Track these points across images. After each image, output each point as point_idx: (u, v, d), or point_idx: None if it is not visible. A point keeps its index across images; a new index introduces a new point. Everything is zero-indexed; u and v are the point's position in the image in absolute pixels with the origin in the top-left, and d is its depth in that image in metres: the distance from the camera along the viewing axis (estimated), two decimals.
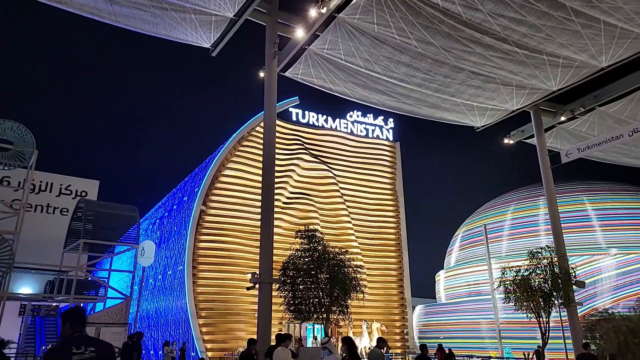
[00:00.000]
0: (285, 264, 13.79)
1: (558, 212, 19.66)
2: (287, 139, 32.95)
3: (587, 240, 44.77)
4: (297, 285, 13.22)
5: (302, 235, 14.61)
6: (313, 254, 13.77)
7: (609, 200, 47.40)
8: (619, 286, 39.74)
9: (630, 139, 17.29)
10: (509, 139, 22.89)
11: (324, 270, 13.40)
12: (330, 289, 13.42)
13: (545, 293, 16.55)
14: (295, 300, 13.28)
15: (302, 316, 13.72)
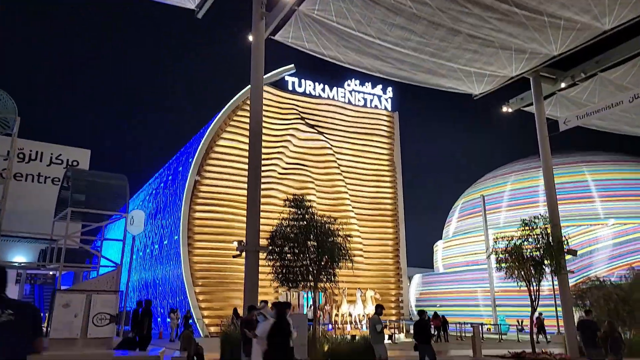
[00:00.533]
0: (274, 233, 13.64)
1: (554, 182, 19.37)
2: (283, 108, 32.43)
3: (586, 211, 44.85)
4: (284, 254, 13.10)
5: (290, 204, 14.39)
6: (300, 222, 13.58)
7: (609, 171, 47.25)
8: (614, 256, 40.03)
9: (630, 105, 16.83)
10: (507, 106, 22.38)
11: (312, 239, 13.24)
12: (318, 258, 13.29)
13: (536, 261, 16.44)
14: (283, 269, 13.18)
15: (290, 284, 13.65)
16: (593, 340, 11.61)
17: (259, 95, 14.87)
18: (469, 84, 19.76)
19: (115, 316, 15.12)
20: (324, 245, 13.27)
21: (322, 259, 13.40)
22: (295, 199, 14.37)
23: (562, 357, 16.34)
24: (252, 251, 12.82)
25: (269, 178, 30.31)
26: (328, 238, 13.48)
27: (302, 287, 13.65)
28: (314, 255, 13.26)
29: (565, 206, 44.71)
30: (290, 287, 13.86)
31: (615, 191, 44.92)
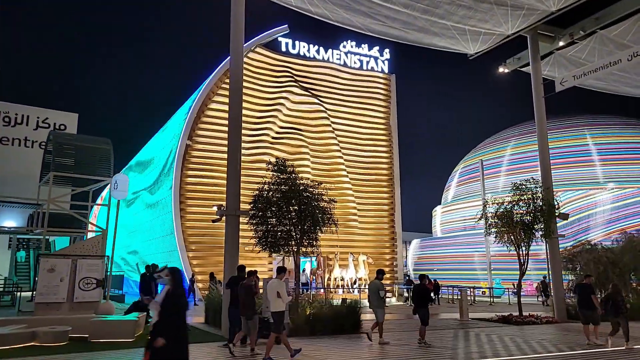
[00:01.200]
0: (256, 197, 13.40)
1: (547, 145, 18.94)
2: (276, 70, 31.60)
3: (586, 175, 44.55)
4: (266, 218, 12.90)
5: (273, 168, 14.07)
6: (282, 187, 13.31)
7: (611, 134, 46.60)
8: (611, 220, 40.00)
9: (629, 64, 16.16)
10: (504, 67, 21.67)
11: (294, 203, 12.99)
12: (301, 222, 13.09)
13: (526, 225, 16.27)
14: (266, 234, 13.01)
15: (272, 249, 13.51)
16: (587, 302, 11.73)
17: (239, 53, 14.23)
18: (464, 43, 19.04)
19: (101, 280, 15.20)
20: (307, 209, 13.03)
21: (304, 223, 13.20)
22: (278, 163, 14.04)
23: (549, 319, 16.41)
24: (232, 215, 12.61)
25: (262, 142, 29.92)
26: (311, 202, 13.23)
27: (284, 252, 13.47)
28: (295, 219, 13.05)
29: (565, 170, 44.76)
30: (271, 252, 13.72)
31: (616, 155, 44.48)
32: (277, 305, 9.36)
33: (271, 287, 9.45)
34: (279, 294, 9.31)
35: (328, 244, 30.91)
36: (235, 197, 12.95)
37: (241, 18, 14.45)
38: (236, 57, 14.25)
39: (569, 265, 18.78)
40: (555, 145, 46.68)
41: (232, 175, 13.00)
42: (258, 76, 30.81)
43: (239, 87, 14.21)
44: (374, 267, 32.64)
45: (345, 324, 12.74)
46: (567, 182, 43.63)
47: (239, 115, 13.80)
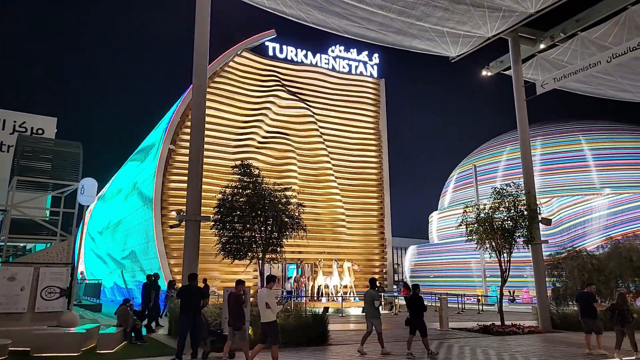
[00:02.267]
0: (220, 202, 12.98)
1: (530, 148, 18.57)
2: (263, 75, 31.30)
3: (581, 180, 44.14)
4: (230, 224, 12.46)
5: (237, 171, 13.64)
6: (245, 191, 12.88)
7: (606, 139, 46.28)
8: (608, 226, 39.52)
9: (609, 65, 15.79)
10: (487, 70, 21.33)
11: (259, 209, 12.56)
12: (266, 228, 12.66)
13: (506, 230, 15.81)
14: (231, 240, 12.56)
15: (235, 256, 13.05)
16: (589, 311, 11.48)
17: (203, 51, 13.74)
18: (444, 46, 18.68)
19: (65, 289, 14.71)
20: (272, 215, 12.61)
21: (272, 229, 12.78)
22: (243, 165, 13.62)
23: (532, 329, 15.90)
24: (192, 221, 12.17)
25: (248, 147, 29.54)
26: (276, 207, 12.80)
27: (248, 259, 13.02)
28: (262, 225, 12.62)
29: (561, 175, 44.37)
30: (233, 259, 13.27)
31: (612, 160, 44.12)
32: (267, 316, 9.11)
33: (260, 297, 9.26)
34: (267, 304, 9.06)
35: (316, 250, 30.59)
36: (196, 201, 12.52)
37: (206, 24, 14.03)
38: (200, 57, 13.78)
39: (554, 272, 18.29)
40: (550, 150, 46.44)
41: (193, 178, 12.56)
42: (244, 80, 30.51)
43: (203, 82, 13.67)
44: (362, 274, 32.28)
45: (312, 335, 12.23)
46: (563, 188, 43.24)
47: (202, 115, 13.35)
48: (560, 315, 16.51)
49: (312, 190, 31.32)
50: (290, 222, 13.13)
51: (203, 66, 13.74)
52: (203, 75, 13.73)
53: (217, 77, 29.53)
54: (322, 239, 30.96)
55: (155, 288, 15.74)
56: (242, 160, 14.11)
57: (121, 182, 37.29)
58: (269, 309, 9.01)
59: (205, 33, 13.89)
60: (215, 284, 26.85)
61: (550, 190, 43.66)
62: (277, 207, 12.81)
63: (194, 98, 13.22)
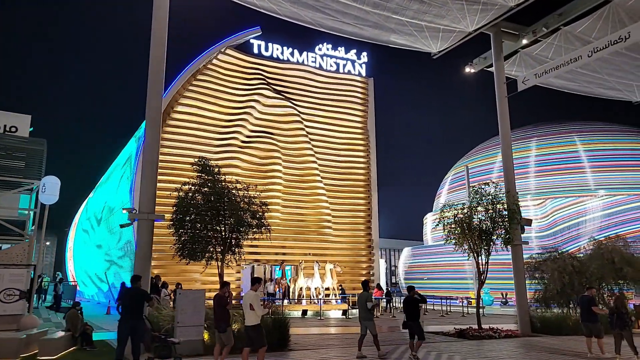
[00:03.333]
0: (178, 201, 12.42)
1: (510, 145, 17.96)
2: (247, 73, 30.74)
3: (576, 182, 43.68)
4: (191, 223, 11.88)
5: (196, 168, 13.07)
6: (203, 189, 12.30)
7: (601, 141, 45.85)
8: (602, 227, 39.04)
9: (593, 61, 15.26)
10: (470, 67, 20.77)
11: (217, 207, 11.96)
12: (225, 228, 12.08)
13: (483, 231, 15.25)
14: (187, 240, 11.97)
15: (191, 257, 12.45)
16: (589, 315, 11.31)
17: (160, 39, 13.09)
18: (424, 41, 18.14)
19: (26, 292, 14.14)
20: (231, 214, 12.04)
21: (233, 229, 12.20)
22: (201, 162, 13.05)
23: (510, 333, 15.33)
24: (144, 220, 11.59)
25: (231, 146, 28.97)
26: (236, 206, 12.22)
27: (207, 259, 12.42)
28: (220, 225, 12.04)
29: (556, 177, 43.85)
30: (190, 260, 12.68)
31: (607, 161, 43.67)
32: (251, 318, 8.89)
33: (245, 300, 9.07)
34: (251, 306, 8.84)
35: (300, 251, 30.00)
36: (150, 199, 11.94)
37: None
38: (157, 48, 13.09)
39: (535, 275, 17.71)
40: (545, 152, 45.96)
41: (147, 174, 11.95)
42: (228, 78, 29.95)
43: (160, 69, 12.95)
44: (349, 275, 31.70)
45: (271, 340, 11.61)
46: (558, 190, 42.72)
47: (158, 108, 12.69)
48: (540, 319, 15.93)
49: (297, 191, 30.78)
50: (253, 222, 12.50)
51: (159, 57, 13.02)
52: (160, 71, 12.99)
53: (200, 74, 28.98)
54: (307, 240, 30.39)
55: (157, 292, 15.31)
56: (202, 159, 13.47)
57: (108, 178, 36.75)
58: (253, 311, 8.80)
59: (162, 22, 13.26)
60: (196, 286, 26.27)
61: (544, 192, 43.18)
62: (236, 206, 12.20)
63: (148, 92, 12.58)
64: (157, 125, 12.42)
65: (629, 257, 16.17)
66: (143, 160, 12.07)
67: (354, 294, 28.88)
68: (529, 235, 38.60)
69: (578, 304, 12.14)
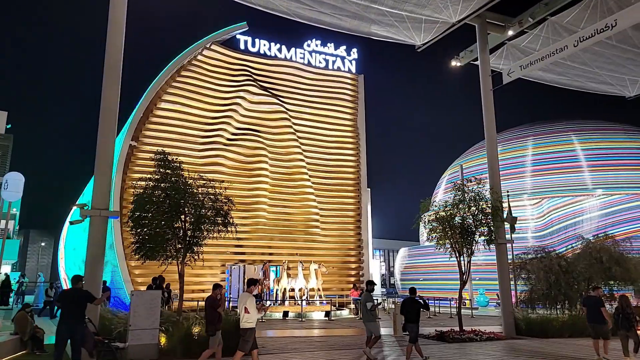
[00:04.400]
0: (136, 197, 11.78)
1: (495, 140, 17.30)
2: (233, 69, 30.07)
3: (574, 181, 43.05)
4: (143, 220, 11.23)
5: (157, 163, 12.40)
6: (161, 184, 11.63)
7: (599, 139, 45.23)
8: (600, 227, 38.43)
9: (576, 49, 14.59)
10: (457, 60, 20.13)
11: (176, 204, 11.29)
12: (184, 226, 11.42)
13: (465, 229, 14.58)
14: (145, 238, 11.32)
15: (148, 256, 11.78)
16: (596, 316, 11.11)
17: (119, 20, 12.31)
18: (406, 32, 17.50)
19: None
20: (191, 210, 11.38)
21: (195, 227, 11.54)
22: (161, 156, 12.39)
23: (492, 336, 14.66)
24: (97, 217, 10.92)
25: (215, 144, 28.31)
26: (196, 202, 11.55)
27: (163, 259, 11.74)
28: (179, 222, 11.37)
29: (553, 176, 43.19)
30: (146, 259, 12.01)
31: (605, 160, 43.06)
32: (246, 321, 8.73)
33: (240, 302, 8.98)
34: (246, 309, 8.68)
35: (287, 252, 29.33)
36: (104, 194, 11.28)
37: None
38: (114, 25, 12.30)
39: (522, 275, 17.03)
40: (542, 151, 45.30)
41: (101, 168, 11.27)
42: (213, 75, 29.29)
43: (117, 59, 12.17)
44: (338, 276, 31.02)
45: (231, 343, 10.93)
46: (555, 189, 42.08)
47: (115, 97, 11.90)
48: (525, 320, 15.26)
49: (284, 190, 30.12)
50: (218, 220, 11.82)
51: (117, 45, 12.24)
52: (117, 52, 12.18)
53: (184, 70, 28.32)
54: (295, 240, 29.72)
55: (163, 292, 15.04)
56: (162, 153, 12.79)
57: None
58: (248, 314, 8.61)
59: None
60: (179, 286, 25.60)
61: (541, 191, 42.55)
62: (197, 202, 11.52)
63: (105, 79, 11.80)
64: (112, 115, 11.71)
65: (618, 256, 15.50)
66: (97, 154, 11.38)
67: (342, 295, 28.26)
68: (525, 235, 38.01)
69: (583, 305, 11.83)
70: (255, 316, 8.69)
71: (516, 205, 42.97)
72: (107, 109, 11.47)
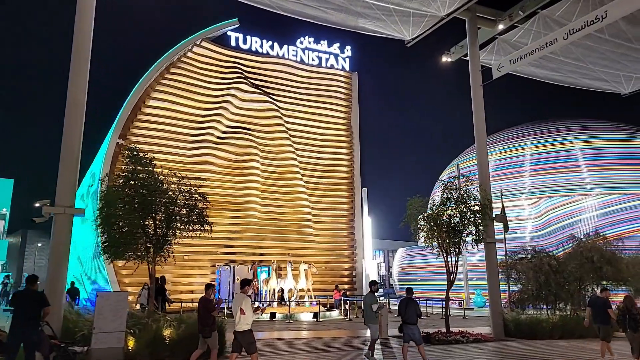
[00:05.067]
0: (104, 194, 11.37)
1: (485, 138, 16.87)
2: (224, 66, 29.70)
3: (572, 180, 42.66)
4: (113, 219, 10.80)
5: (126, 160, 11.98)
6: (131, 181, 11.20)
7: (598, 139, 44.82)
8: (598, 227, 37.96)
9: (566, 42, 14.15)
10: (447, 56, 19.70)
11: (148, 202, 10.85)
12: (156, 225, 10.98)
13: (452, 228, 14.14)
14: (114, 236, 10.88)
15: (116, 256, 11.34)
16: (601, 317, 10.99)
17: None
18: (393, 26, 17.07)
19: None
20: (161, 208, 10.95)
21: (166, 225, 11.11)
22: (131, 151, 11.96)
23: (479, 337, 14.21)
24: (61, 214, 10.47)
25: (205, 142, 27.90)
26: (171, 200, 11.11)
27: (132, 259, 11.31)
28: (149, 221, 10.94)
29: (552, 176, 42.72)
30: (114, 258, 11.59)
31: (603, 160, 42.64)
32: (242, 323, 8.47)
33: (235, 303, 8.68)
34: (242, 310, 8.42)
35: (279, 252, 28.88)
36: (69, 191, 10.83)
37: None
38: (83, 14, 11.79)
39: (512, 275, 16.58)
40: (541, 150, 44.84)
41: (67, 163, 10.79)
42: (203, 72, 28.91)
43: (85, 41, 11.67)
44: (330, 276, 30.56)
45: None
46: (553, 188, 41.65)
47: (82, 90, 11.41)
48: (514, 321, 14.81)
49: (276, 189, 29.70)
50: (190, 218, 11.37)
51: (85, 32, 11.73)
52: (85, 41, 11.67)
53: (174, 67, 27.94)
54: (286, 239, 29.29)
55: (161, 293, 14.55)
56: (132, 149, 12.36)
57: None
58: (244, 316, 8.40)
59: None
60: (167, 287, 25.11)
61: (540, 191, 42.13)
62: (168, 199, 11.08)
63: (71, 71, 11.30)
64: (79, 109, 11.23)
65: (610, 255, 15.05)
66: (62, 148, 10.91)
67: (332, 295, 27.80)
68: (522, 235, 37.56)
69: (589, 305, 11.60)
70: (252, 317, 8.53)
71: (514, 205, 42.58)
72: (74, 101, 11.02)
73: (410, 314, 10.48)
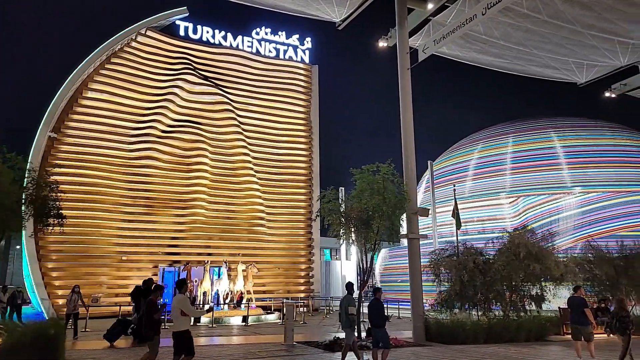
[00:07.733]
0: None
1: (412, 124, 15.50)
2: (171, 57, 28.32)
3: (553, 179, 41.75)
4: None
5: None
6: None
7: (579, 137, 44.01)
8: (577, 226, 37.05)
9: (485, 17, 12.88)
10: (384, 40, 18.37)
11: None
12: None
13: (363, 221, 12.84)
14: None
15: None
16: (581, 317, 10.74)
17: None
18: (317, 5, 15.78)
19: None
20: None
21: None
22: None
23: (397, 342, 12.90)
24: None
25: (148, 136, 26.50)
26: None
27: None
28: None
29: (532, 174, 41.69)
30: None
31: (584, 157, 41.71)
32: (180, 324, 8.23)
33: (173, 305, 8.38)
34: (182, 312, 8.19)
35: (229, 251, 27.51)
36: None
37: None
38: None
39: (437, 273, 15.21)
40: (522, 148, 43.80)
41: None
42: (148, 63, 27.52)
43: None
44: (286, 277, 29.25)
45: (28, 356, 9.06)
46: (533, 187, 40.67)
47: None
48: (435, 325, 13.50)
49: (226, 186, 28.35)
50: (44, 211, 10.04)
51: None
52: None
53: (115, 57, 26.55)
54: (237, 239, 27.93)
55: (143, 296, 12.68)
56: None
57: None
58: (184, 317, 8.20)
59: None
60: (103, 290, 23.77)
61: (520, 189, 41.14)
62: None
63: None
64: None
65: (537, 251, 13.74)
66: None
67: (287, 297, 26.45)
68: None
69: (568, 306, 11.29)
70: (196, 314, 8.76)
71: (494, 204, 41.51)
72: None
73: (375, 316, 9.78)
